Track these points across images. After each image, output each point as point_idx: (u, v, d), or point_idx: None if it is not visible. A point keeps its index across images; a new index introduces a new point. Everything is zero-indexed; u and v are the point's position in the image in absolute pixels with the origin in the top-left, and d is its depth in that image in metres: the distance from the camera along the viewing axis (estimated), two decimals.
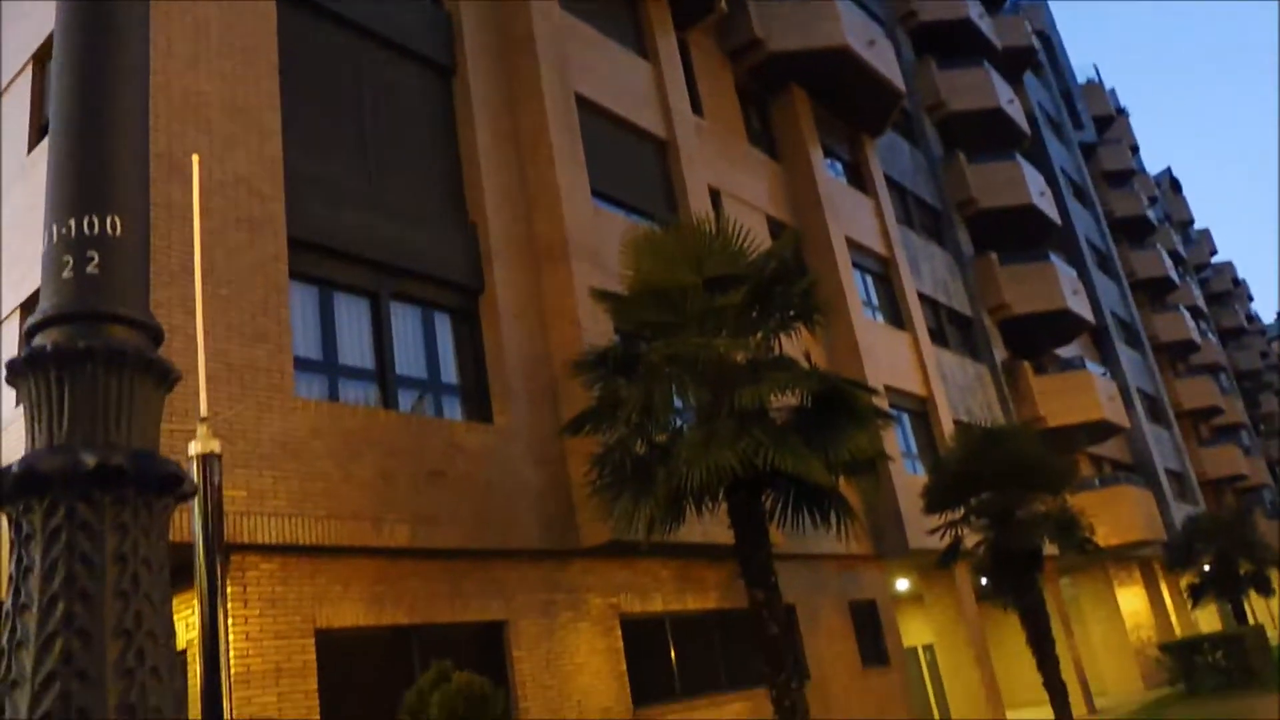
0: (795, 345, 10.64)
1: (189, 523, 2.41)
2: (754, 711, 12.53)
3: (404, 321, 10.92)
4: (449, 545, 9.71)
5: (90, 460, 1.65)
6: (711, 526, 11.20)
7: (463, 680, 4.83)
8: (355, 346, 10.29)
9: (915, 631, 23.52)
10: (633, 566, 11.96)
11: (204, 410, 2.68)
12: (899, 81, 21.97)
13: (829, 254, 18.19)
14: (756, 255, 9.62)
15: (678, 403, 9.62)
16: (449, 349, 11.32)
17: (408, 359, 10.79)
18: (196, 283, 2.78)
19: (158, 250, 7.85)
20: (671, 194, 15.05)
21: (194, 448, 2.43)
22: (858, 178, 21.64)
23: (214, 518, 2.52)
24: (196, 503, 2.40)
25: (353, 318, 10.40)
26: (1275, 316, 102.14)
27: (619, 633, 11.47)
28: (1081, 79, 51.50)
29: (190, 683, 2.80)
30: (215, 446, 2.46)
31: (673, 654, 12.35)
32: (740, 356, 9.56)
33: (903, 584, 19.84)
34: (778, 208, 17.96)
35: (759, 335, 9.60)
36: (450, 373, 11.25)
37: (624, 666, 11.35)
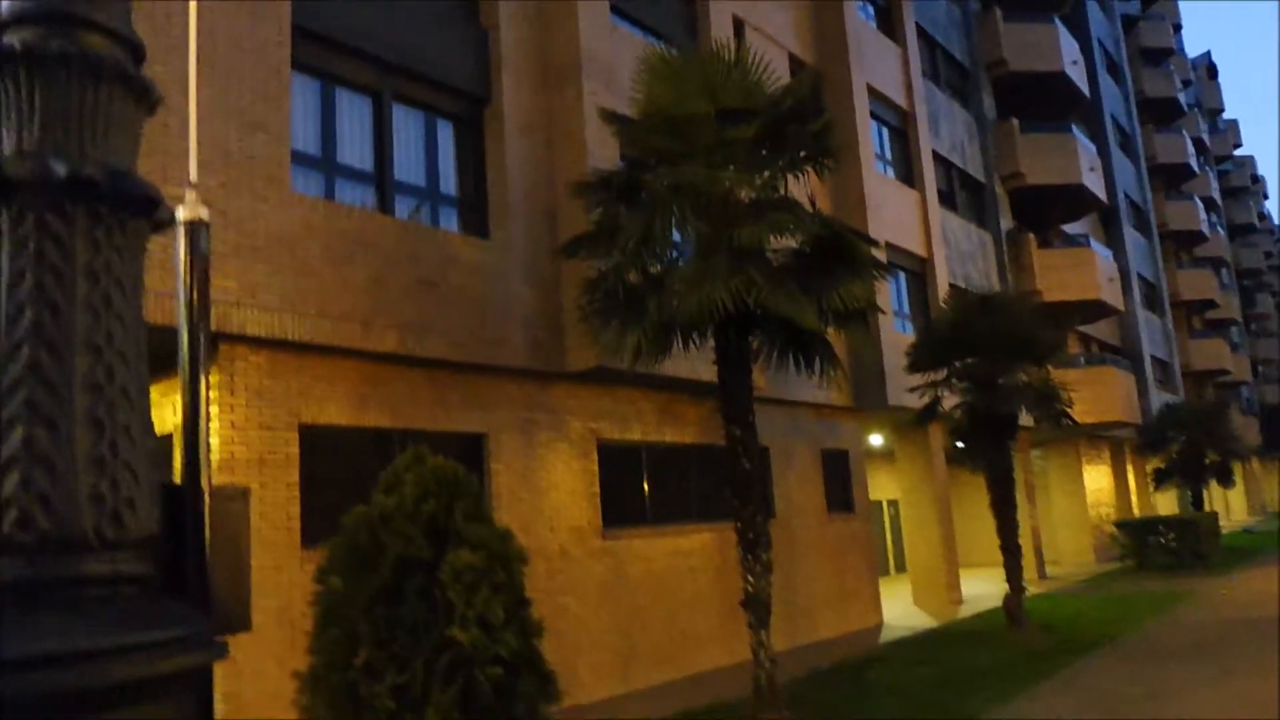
0: (801, 189, 10.47)
1: (173, 308, 2.37)
2: (719, 542, 13.01)
3: (406, 126, 10.67)
4: (436, 355, 9.80)
5: (62, 169, 1.59)
6: (697, 363, 11.31)
7: (437, 462, 4.96)
8: (355, 147, 10.09)
9: (883, 486, 24.23)
10: (615, 395, 12.14)
11: (194, 174, 2.61)
12: None
13: (848, 100, 17.69)
14: (774, 91, 9.32)
15: (677, 235, 9.52)
16: (450, 159, 11.12)
17: (407, 165, 10.60)
18: (191, 28, 2.64)
19: (157, 20, 7.56)
20: (694, 19, 14.49)
21: (181, 213, 2.38)
22: (888, 24, 20.83)
23: (199, 289, 2.49)
24: (181, 271, 2.36)
25: (354, 116, 10.14)
26: None
27: (595, 457, 11.75)
28: None
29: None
30: (203, 214, 2.40)
31: (646, 483, 12.70)
32: (745, 193, 9.41)
33: (877, 439, 20.26)
34: (802, 46, 17.34)
35: (767, 174, 9.41)
36: (450, 184, 11.08)
37: (597, 489, 11.68)
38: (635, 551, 12.04)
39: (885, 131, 19.93)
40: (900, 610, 18.05)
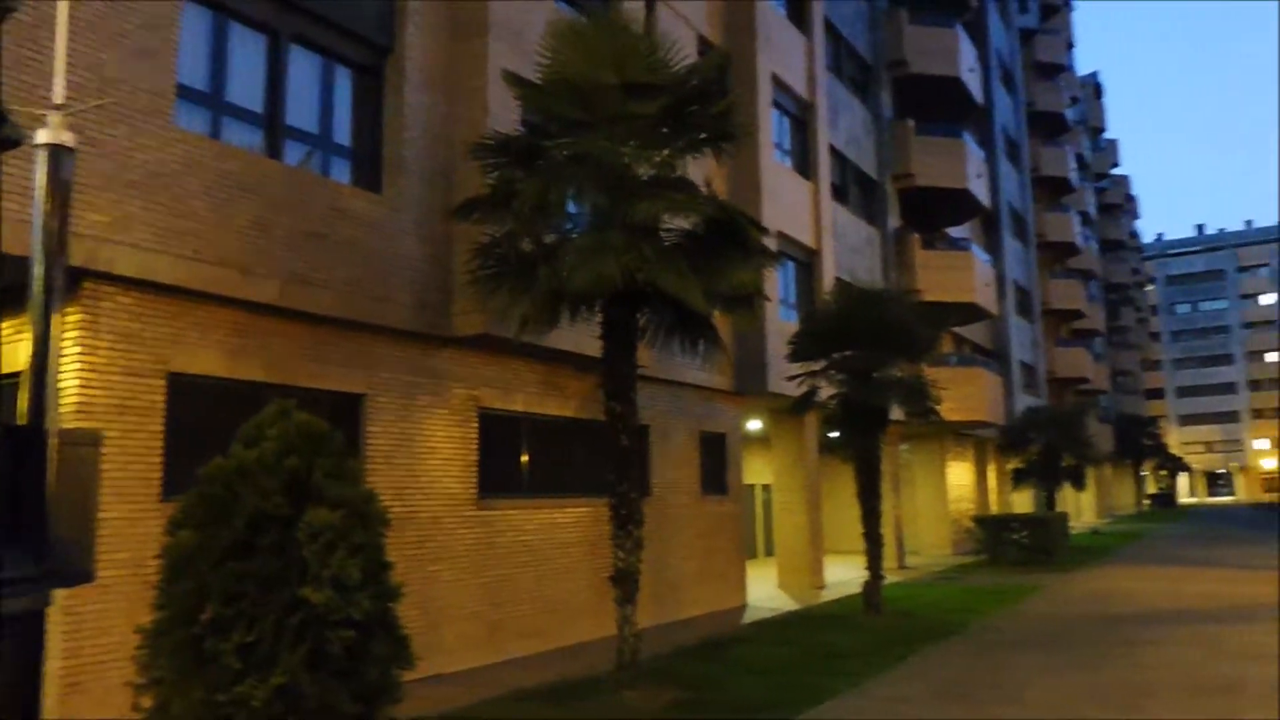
0: (698, 170, 10.52)
1: (29, 236, 2.21)
2: (593, 517, 13.07)
3: (302, 68, 10.27)
4: (318, 310, 9.52)
5: None
6: (584, 336, 11.30)
7: (303, 418, 4.81)
8: (245, 86, 9.66)
9: (757, 470, 24.70)
10: (500, 363, 12.02)
11: (58, 96, 2.43)
12: None
13: (751, 86, 17.84)
14: (680, 69, 9.31)
15: (573, 206, 9.45)
16: (346, 107, 10.77)
17: (301, 110, 10.22)
18: None
19: None
20: None
21: (42, 135, 2.21)
22: (797, 14, 21.05)
23: (59, 219, 2.33)
24: (39, 198, 2.20)
25: (247, 54, 9.71)
26: (1155, 238, 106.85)
27: (475, 424, 11.63)
28: None
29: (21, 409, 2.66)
30: (67, 139, 2.23)
31: (525, 453, 12.64)
32: (644, 169, 9.40)
33: (754, 424, 20.63)
34: (711, 28, 17.38)
35: (666, 151, 9.41)
36: (344, 133, 10.74)
37: (476, 458, 11.57)
38: (510, 522, 12.00)
39: (786, 121, 20.18)
40: (765, 592, 18.49)
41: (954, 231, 30.44)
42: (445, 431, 11.17)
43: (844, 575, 20.20)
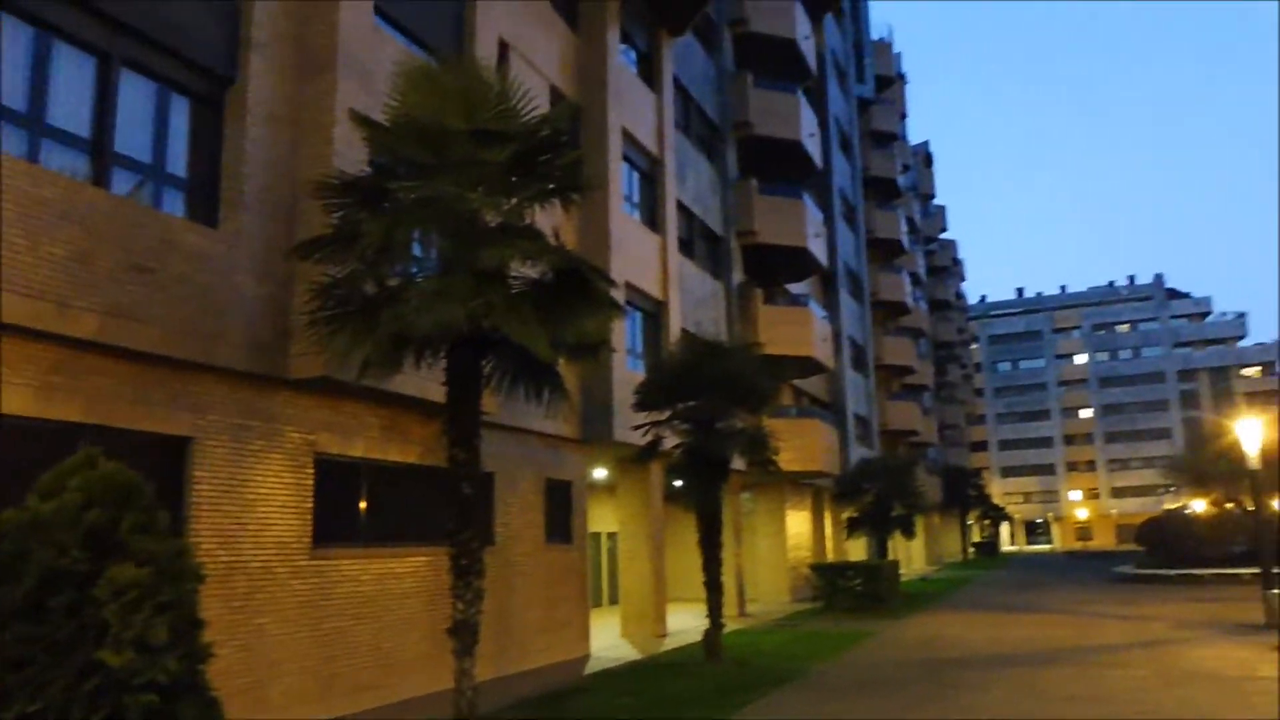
0: (548, 219, 10.58)
1: None
2: (433, 567, 12.74)
3: (134, 94, 9.81)
4: (143, 347, 9.01)
5: None
6: (429, 382, 11.10)
7: (110, 467, 4.52)
8: (70, 110, 9.15)
9: (603, 518, 24.72)
10: (339, 408, 11.66)
11: None
12: None
13: (602, 139, 18.13)
14: (531, 118, 9.38)
15: (418, 249, 9.32)
16: (182, 137, 10.33)
17: (132, 137, 9.73)
18: None
19: None
20: (460, 35, 14.36)
21: None
22: (648, 72, 21.59)
23: None
24: None
25: (73, 76, 9.22)
26: (979, 299, 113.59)
27: (311, 470, 11.20)
28: (876, 36, 53.73)
29: None
30: None
31: (364, 501, 12.25)
32: (491, 216, 9.37)
33: (600, 472, 20.67)
34: (564, 80, 17.61)
35: (515, 199, 9.42)
36: (179, 164, 10.28)
37: (310, 505, 11.13)
38: (345, 572, 11.56)
39: (636, 175, 20.57)
40: (608, 641, 18.41)
41: (794, 288, 31.57)
42: (279, 477, 10.72)
43: (686, 623, 20.33)
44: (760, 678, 13.83)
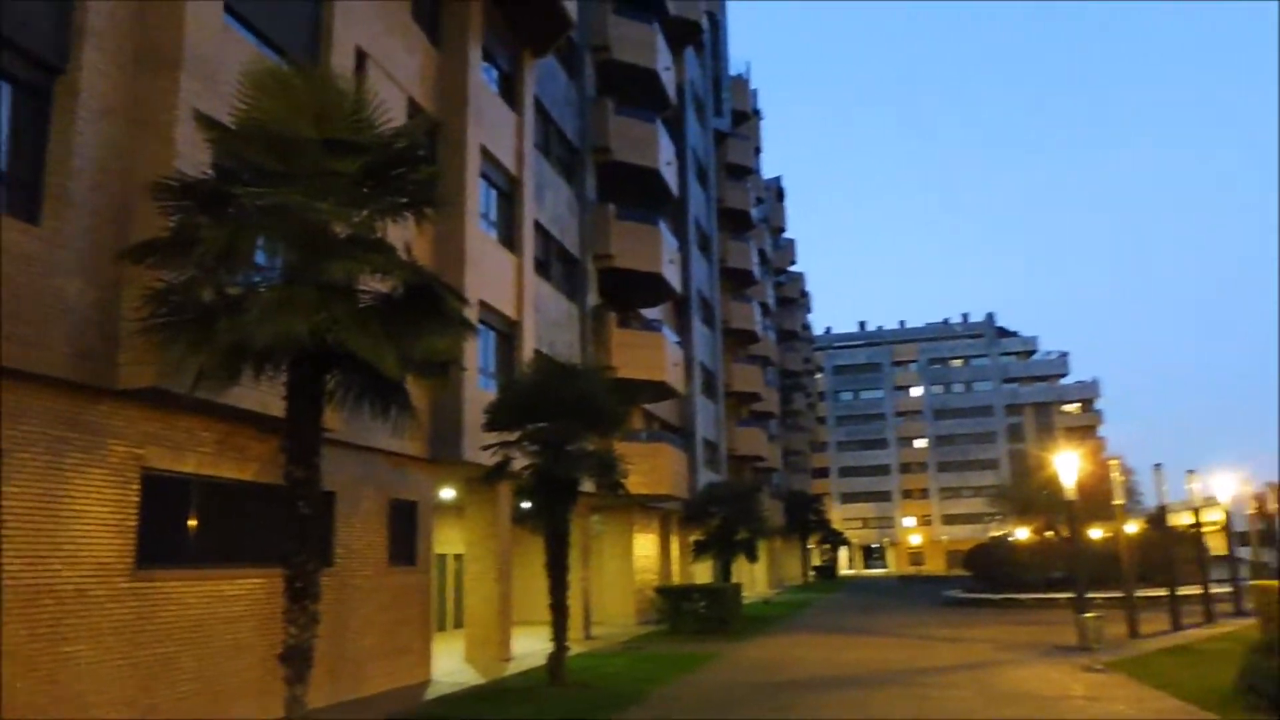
0: (400, 233, 10.36)
1: None
2: (266, 589, 12.21)
3: None
4: None
5: None
6: (269, 396, 10.68)
7: None
8: None
9: (449, 540, 24.26)
10: (170, 420, 11.07)
11: None
12: (573, 11, 22.14)
13: (460, 156, 17.94)
14: (386, 130, 9.18)
15: (262, 258, 8.97)
16: (3, 127, 9.65)
17: None
18: None
19: None
20: (316, 41, 13.97)
21: None
22: (510, 91, 21.52)
23: None
24: None
25: None
26: (824, 331, 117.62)
27: (137, 486, 10.59)
28: (734, 72, 55.19)
29: None
30: None
31: (194, 519, 11.65)
32: (341, 227, 9.11)
33: (448, 492, 20.31)
34: (424, 94, 17.36)
35: (366, 212, 9.19)
36: (0, 155, 9.60)
37: (134, 522, 10.50)
38: (171, 594, 10.94)
39: (494, 194, 20.43)
40: (451, 666, 18.03)
41: (648, 313, 31.94)
42: (100, 493, 10.07)
43: (531, 646, 20.11)
44: (603, 701, 13.80)
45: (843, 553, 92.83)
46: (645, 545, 31.63)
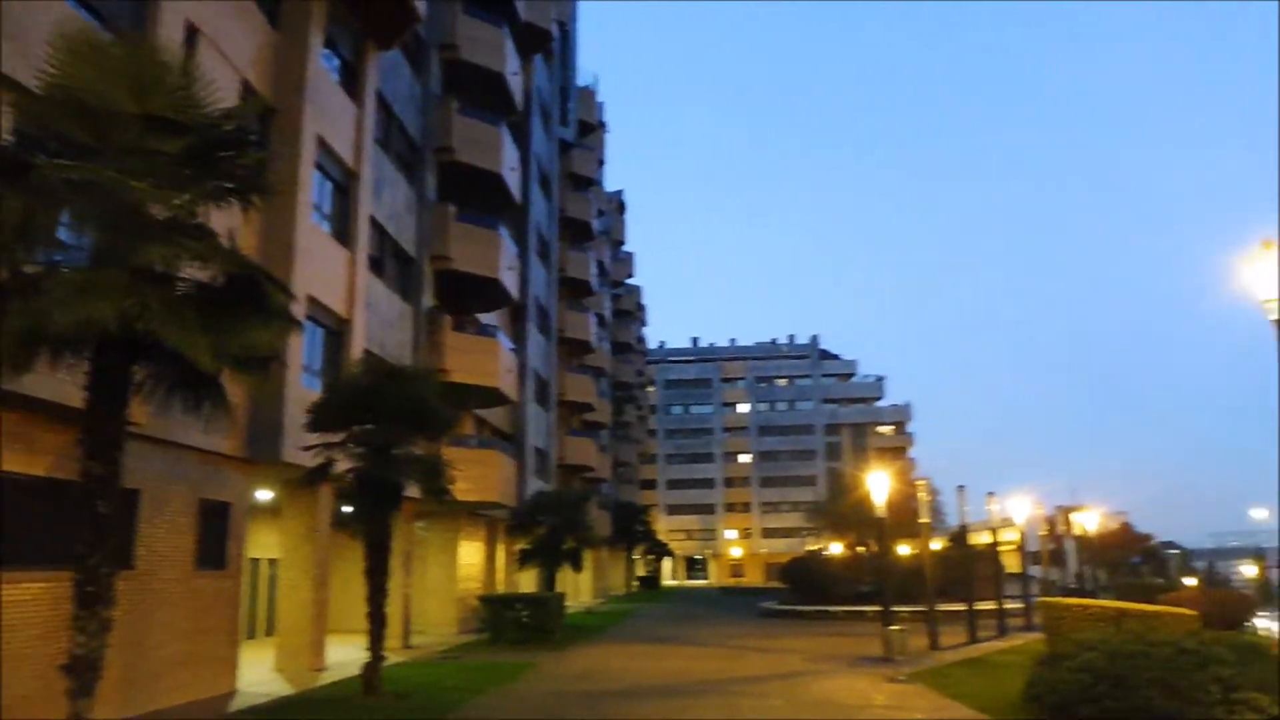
0: (224, 220, 9.83)
1: None
2: (50, 594, 11.30)
3: None
4: None
5: None
6: (69, 385, 9.91)
7: None
8: None
9: (264, 544, 23.21)
10: None
11: None
12: (421, 6, 21.71)
13: (295, 145, 17.24)
14: (214, 110, 8.69)
15: (66, 236, 8.31)
16: None
17: None
18: None
19: None
20: (143, 10, 13.14)
21: None
22: (351, 82, 20.86)
23: None
24: None
25: None
26: (658, 344, 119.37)
27: None
28: (582, 83, 55.39)
29: None
30: None
31: None
32: (159, 210, 8.55)
33: (265, 494, 19.43)
34: (259, 77, 16.59)
35: (188, 195, 8.65)
36: None
37: None
38: None
39: (329, 186, 19.74)
40: (259, 676, 17.19)
41: (484, 318, 31.57)
42: None
43: (347, 656, 19.43)
44: (417, 712, 13.47)
45: (667, 563, 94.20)
46: (470, 553, 31.16)
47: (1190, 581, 58.73)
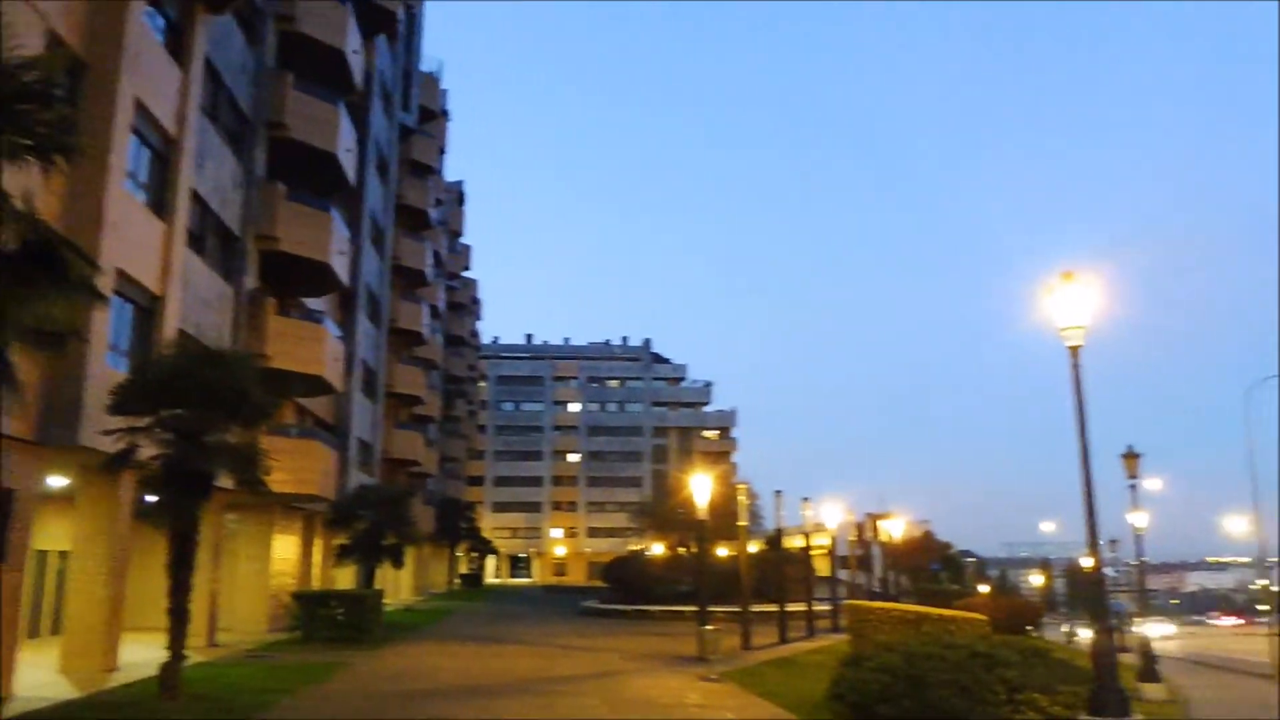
0: (20, 180, 9.02)
1: None
2: None
3: None
4: None
5: None
6: None
7: None
8: None
9: (54, 534, 21.59)
10: None
11: None
12: None
13: (108, 106, 16.07)
14: (12, 59, 7.96)
15: None
16: None
17: None
18: None
19: None
20: None
21: None
22: (177, 45, 19.65)
23: None
24: None
25: None
26: (492, 339, 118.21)
27: None
28: (427, 69, 54.17)
29: None
30: None
31: None
32: None
33: (58, 480, 18.06)
34: (70, 30, 15.37)
35: None
36: None
37: None
38: None
39: (147, 154, 18.53)
40: (41, 678, 15.88)
41: (311, 303, 30.40)
42: None
43: (145, 655, 18.22)
44: (217, 714, 12.78)
45: (490, 561, 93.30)
46: (285, 547, 29.91)
47: (984, 588, 62.88)
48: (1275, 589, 59.41)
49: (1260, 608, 75.71)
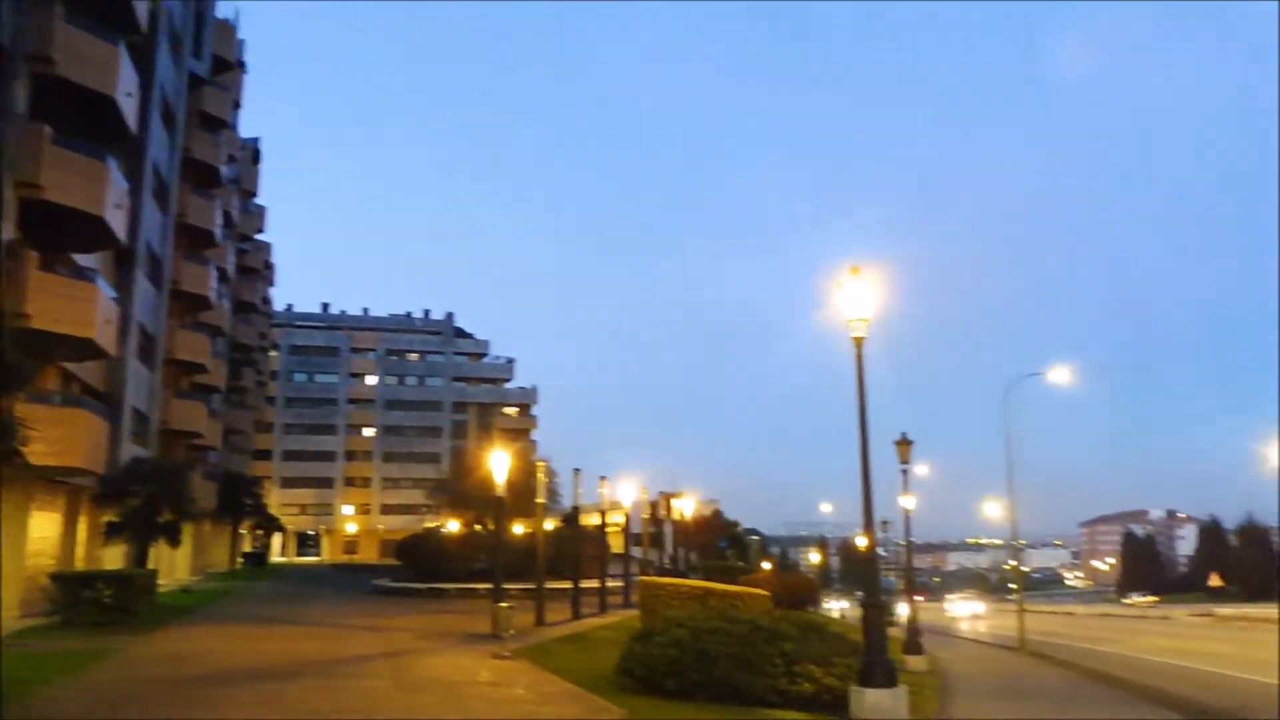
0: None
1: None
2: None
3: None
4: None
5: None
6: None
7: None
8: None
9: None
10: None
11: None
12: None
13: None
14: None
15: None
16: None
17: None
18: None
19: None
20: None
21: None
22: None
23: None
24: None
25: None
26: (286, 307, 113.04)
27: None
28: (221, 15, 50.85)
29: None
30: None
31: None
32: None
33: None
34: None
35: None
36: None
37: None
38: None
39: None
40: None
41: (83, 260, 27.99)
42: None
43: None
44: None
45: (276, 539, 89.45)
46: (45, 525, 27.58)
47: (767, 565, 65.85)
48: (1024, 569, 64.68)
49: (1010, 586, 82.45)
